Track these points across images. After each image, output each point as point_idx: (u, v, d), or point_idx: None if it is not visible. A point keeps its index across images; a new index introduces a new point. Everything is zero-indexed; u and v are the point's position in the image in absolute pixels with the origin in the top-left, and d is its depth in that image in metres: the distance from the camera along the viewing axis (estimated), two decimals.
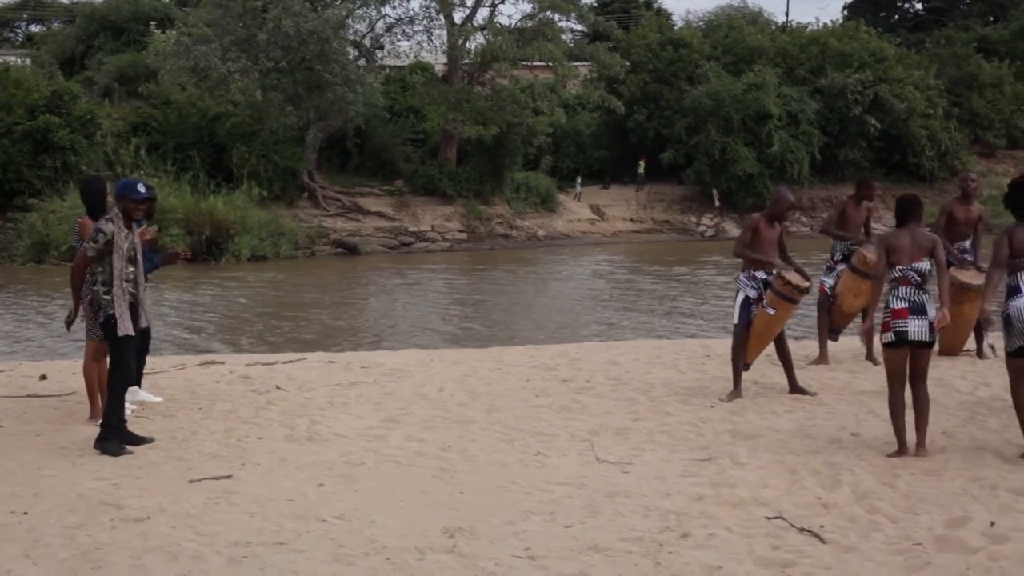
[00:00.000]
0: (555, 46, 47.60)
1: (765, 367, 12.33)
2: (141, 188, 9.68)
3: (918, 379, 9.10)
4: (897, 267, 9.03)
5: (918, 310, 8.92)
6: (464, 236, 47.61)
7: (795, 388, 11.47)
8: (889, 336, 8.97)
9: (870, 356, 13.05)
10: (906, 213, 9.21)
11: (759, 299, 11.20)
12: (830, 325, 13.46)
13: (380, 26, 48.93)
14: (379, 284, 33.26)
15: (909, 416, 9.09)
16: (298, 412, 10.81)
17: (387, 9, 48.41)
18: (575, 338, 19.35)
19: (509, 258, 42.24)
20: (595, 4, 73.30)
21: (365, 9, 47.19)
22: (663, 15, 73.79)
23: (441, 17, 49.15)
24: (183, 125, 43.91)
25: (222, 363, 14.22)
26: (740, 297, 11.34)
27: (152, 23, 49.93)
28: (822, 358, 13.39)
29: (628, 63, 52.26)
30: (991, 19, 74.60)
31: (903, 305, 8.95)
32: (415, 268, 37.63)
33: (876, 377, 11.52)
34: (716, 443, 9.48)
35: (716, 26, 66.28)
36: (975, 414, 10.23)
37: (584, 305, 26.94)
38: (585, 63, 55.48)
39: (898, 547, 6.83)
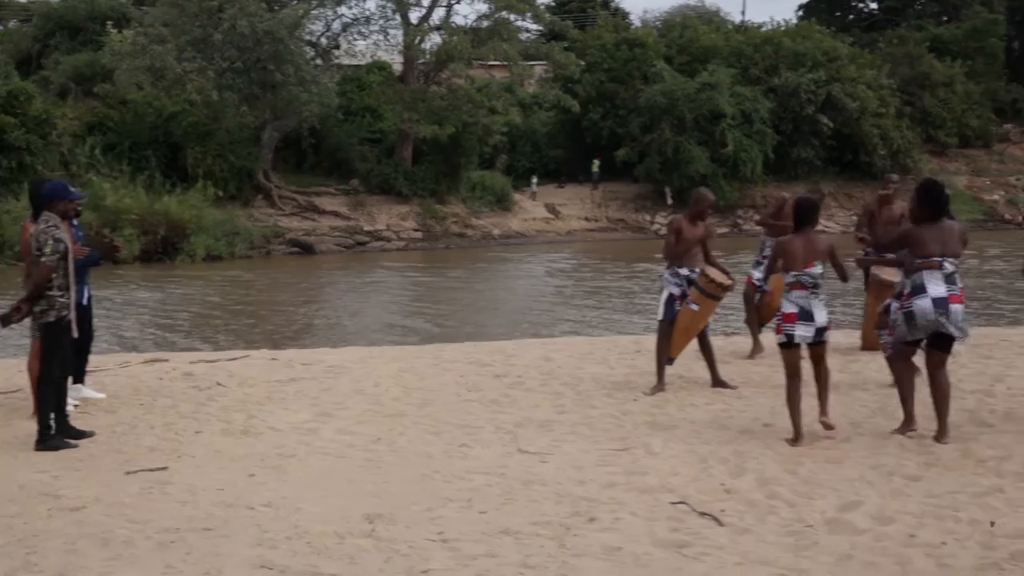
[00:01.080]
0: (510, 46, 47.97)
1: (692, 362, 12.74)
2: (72, 188, 10.09)
3: (816, 362, 9.57)
4: (791, 272, 9.48)
5: (806, 316, 9.39)
6: (419, 235, 47.97)
7: (717, 382, 11.92)
8: (781, 337, 9.49)
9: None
10: (803, 217, 9.65)
11: (683, 296, 11.63)
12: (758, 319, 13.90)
13: (336, 26, 49.27)
14: (348, 283, 33.68)
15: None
16: (236, 407, 11.18)
17: (343, 9, 48.75)
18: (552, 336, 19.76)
19: (469, 257, 42.63)
20: (552, 3, 73.73)
21: (321, 9, 47.44)
22: (620, 14, 74.34)
23: (397, 17, 49.46)
24: (139, 125, 44.06)
25: (166, 360, 14.54)
26: (665, 294, 11.78)
27: (109, 22, 49.95)
28: (757, 348, 13.81)
29: (583, 63, 52.80)
30: (945, 19, 75.38)
31: (793, 310, 9.43)
32: (380, 267, 38.17)
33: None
34: (634, 434, 9.90)
35: (671, 26, 66.82)
36: (885, 406, 10.66)
37: (555, 303, 27.47)
38: (541, 63, 55.92)
39: (790, 529, 7.28)
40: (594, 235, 52.26)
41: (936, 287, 9.09)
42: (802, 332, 9.42)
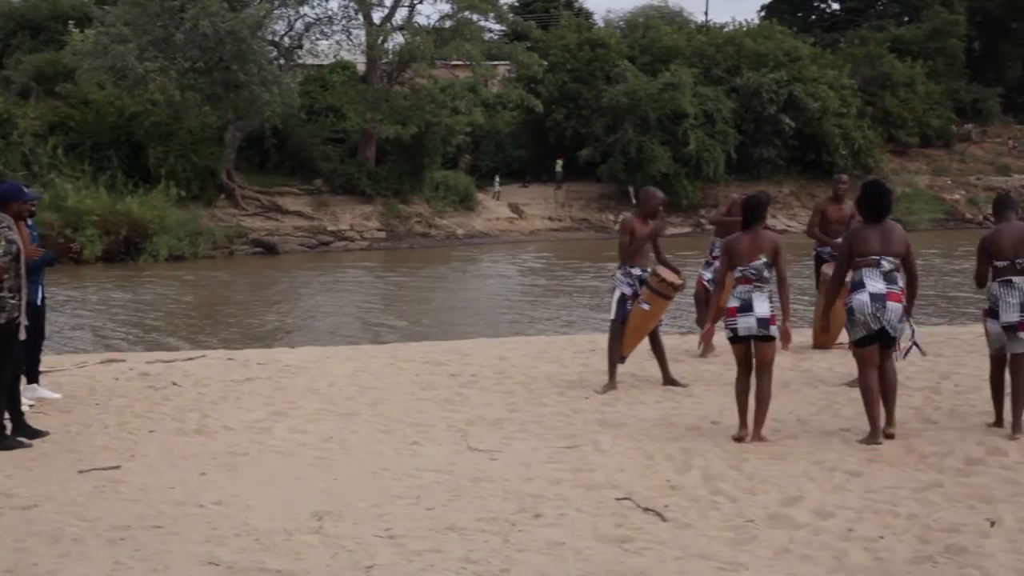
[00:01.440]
0: (472, 46, 48.09)
1: (645, 360, 12.88)
2: (26, 189, 10.17)
3: (760, 370, 9.71)
4: (737, 268, 9.66)
5: (746, 307, 9.56)
6: (383, 235, 48.05)
7: (668, 380, 12.08)
8: (728, 332, 9.65)
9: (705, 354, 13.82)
10: (751, 215, 9.83)
11: (635, 295, 11.78)
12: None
13: (299, 25, 49.26)
14: (316, 283, 33.65)
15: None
16: (190, 407, 11.26)
17: (305, 9, 48.73)
18: (528, 334, 19.91)
19: (434, 257, 42.74)
20: (516, 3, 73.91)
21: (283, 9, 47.41)
22: (584, 14, 74.58)
23: (360, 17, 49.50)
24: (101, 125, 43.98)
25: (123, 361, 14.62)
26: (617, 294, 11.93)
27: (71, 22, 49.78)
28: (708, 347, 13.96)
29: (546, 63, 52.95)
30: (906, 19, 76.00)
31: (735, 304, 9.62)
32: (346, 267, 38.20)
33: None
34: (583, 432, 10.03)
35: (634, 26, 67.12)
36: (832, 403, 10.84)
37: (527, 301, 27.68)
38: (504, 63, 56.07)
39: (731, 524, 7.41)
40: (558, 235, 52.48)
41: (874, 283, 9.25)
42: (744, 323, 9.58)
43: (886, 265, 9.33)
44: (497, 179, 56.18)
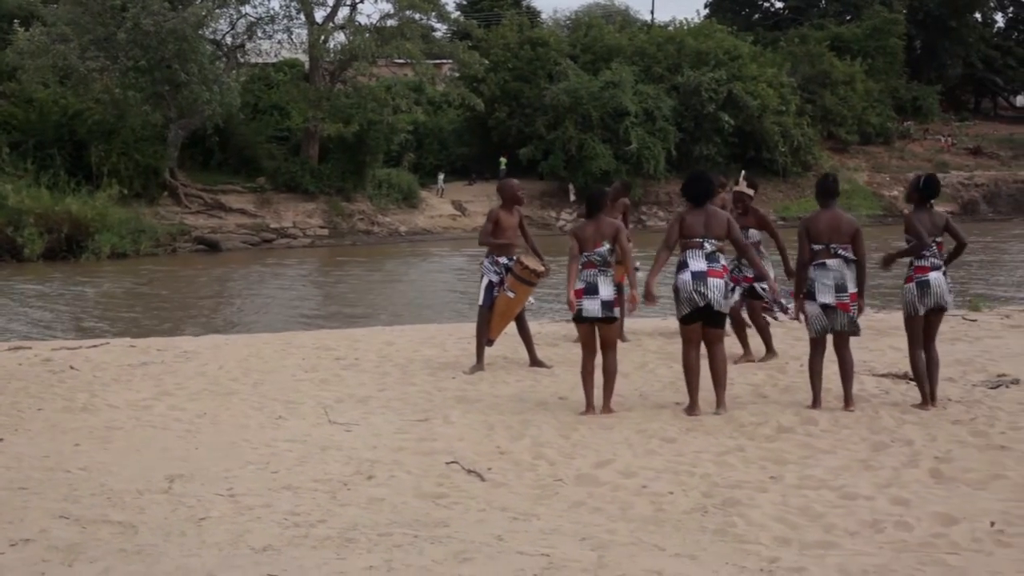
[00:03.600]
0: (413, 45, 48.71)
1: (519, 343, 13.69)
2: None
3: (605, 348, 10.56)
4: (584, 253, 10.50)
5: (591, 290, 10.40)
6: (326, 232, 48.70)
7: (534, 361, 12.97)
8: (574, 313, 10.49)
9: None
10: (594, 205, 10.68)
11: (501, 283, 12.62)
12: None
13: (241, 25, 49.75)
14: (260, 278, 34.36)
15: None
16: (82, 388, 12.01)
17: (247, 8, 49.24)
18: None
19: (377, 253, 43.41)
20: (464, 2, 74.67)
21: (225, 8, 47.87)
22: (531, 13, 75.37)
23: (302, 16, 50.10)
24: (44, 123, 44.41)
25: (29, 348, 15.34)
26: (484, 281, 12.78)
27: (16, 21, 50.06)
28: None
29: (487, 61, 53.69)
30: (848, 18, 77.13)
31: (581, 286, 10.45)
32: (288, 263, 38.83)
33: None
34: (439, 407, 10.86)
35: (577, 25, 67.98)
36: (677, 380, 11.65)
37: (459, 293, 28.43)
38: (447, 61, 56.80)
39: (542, 483, 8.24)
40: None
41: (697, 263, 10.12)
42: (588, 305, 10.42)
43: (708, 247, 10.18)
44: (441, 176, 56.92)
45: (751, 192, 12.69)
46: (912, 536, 6.92)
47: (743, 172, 13.16)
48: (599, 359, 10.63)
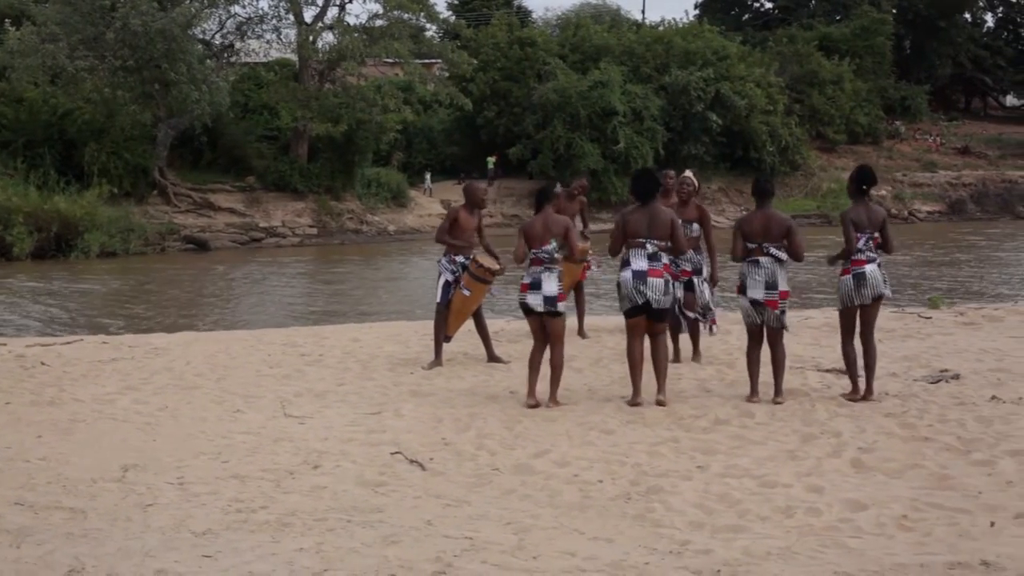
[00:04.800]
0: (401, 45, 48.95)
1: (500, 345, 14.11)
2: None
3: (552, 342, 10.95)
4: (532, 250, 10.89)
5: (536, 286, 10.80)
6: (315, 231, 48.95)
7: (492, 357, 13.38)
8: (521, 305, 10.91)
9: None
10: (541, 201, 11.07)
11: (457, 281, 13.00)
12: None
13: (230, 24, 50.00)
14: (247, 276, 34.66)
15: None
16: (51, 383, 12.37)
17: (236, 8, 49.46)
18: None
19: (365, 252, 43.64)
20: (456, 2, 75.03)
21: (213, 9, 48.10)
22: (522, 12, 75.71)
23: (291, 16, 50.37)
24: (34, 123, 44.62)
25: (4, 344, 15.69)
26: (441, 280, 13.17)
27: (7, 20, 50.29)
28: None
29: (476, 61, 54.00)
30: (837, 18, 77.43)
31: (528, 281, 10.86)
32: (279, 262, 39.12)
33: (568, 347, 13.44)
34: (394, 401, 11.24)
35: (566, 24, 68.27)
36: (625, 376, 11.96)
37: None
38: (437, 60, 57.10)
39: (480, 472, 8.63)
40: (489, 230, 52.58)
41: (638, 263, 10.52)
42: (532, 300, 10.83)
43: (650, 248, 10.57)
44: (428, 175, 57.23)
45: (696, 182, 12.95)
46: (820, 521, 7.31)
47: (688, 172, 13.43)
48: (547, 353, 11.00)
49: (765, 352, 10.97)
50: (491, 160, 57.06)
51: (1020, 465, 8.47)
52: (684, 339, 13.23)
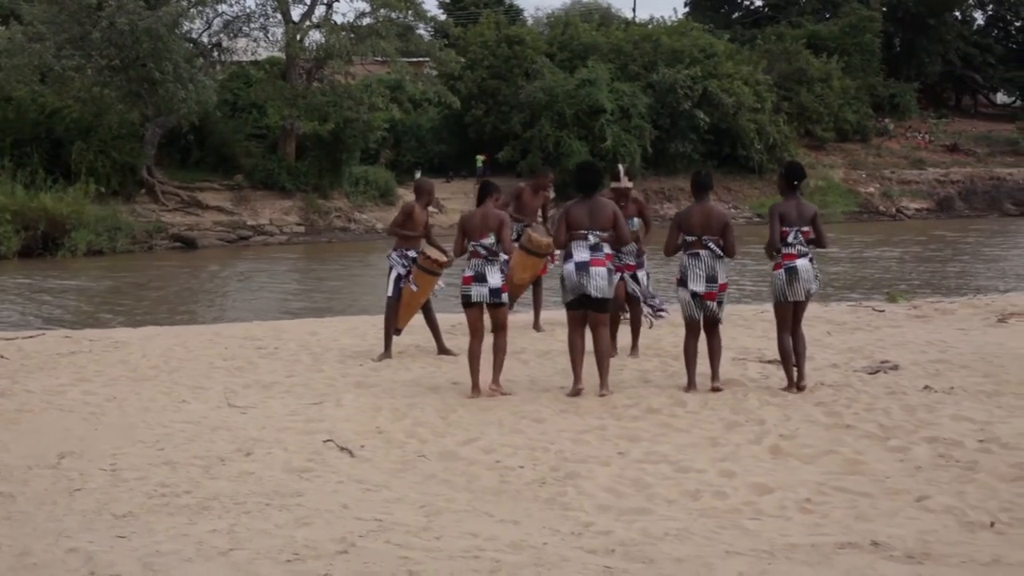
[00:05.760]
0: (388, 43, 49.13)
1: (455, 338, 14.30)
2: None
3: (496, 330, 11.19)
4: (470, 243, 11.14)
5: (480, 278, 11.05)
6: (302, 229, 49.10)
7: (441, 350, 13.62)
8: (462, 298, 11.14)
9: None
10: (481, 196, 11.32)
11: (407, 275, 13.24)
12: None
13: (218, 23, 50.20)
14: (235, 274, 34.91)
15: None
16: (6, 376, 12.58)
17: (223, 7, 49.64)
18: None
19: (352, 250, 43.90)
20: (447, 0, 75.22)
21: (201, 7, 48.27)
22: (513, 11, 75.86)
23: (279, 14, 50.57)
24: (21, 121, 44.81)
25: None
26: (392, 274, 13.41)
27: None
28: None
29: (464, 59, 54.21)
30: (826, 16, 77.61)
31: (470, 274, 11.14)
32: (268, 259, 39.38)
33: (520, 340, 13.69)
34: (337, 391, 11.47)
35: (554, 23, 68.43)
36: (567, 367, 12.16)
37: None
38: (425, 59, 57.28)
39: (406, 460, 8.87)
40: None
41: (581, 254, 10.76)
42: (477, 291, 11.07)
43: (592, 239, 10.81)
44: (418, 174, 57.29)
45: (630, 185, 13.22)
46: (724, 504, 7.55)
47: (621, 167, 13.67)
48: (487, 343, 11.24)
49: (703, 343, 11.20)
50: (480, 158, 57.22)
51: (934, 451, 8.68)
52: (622, 333, 13.40)
